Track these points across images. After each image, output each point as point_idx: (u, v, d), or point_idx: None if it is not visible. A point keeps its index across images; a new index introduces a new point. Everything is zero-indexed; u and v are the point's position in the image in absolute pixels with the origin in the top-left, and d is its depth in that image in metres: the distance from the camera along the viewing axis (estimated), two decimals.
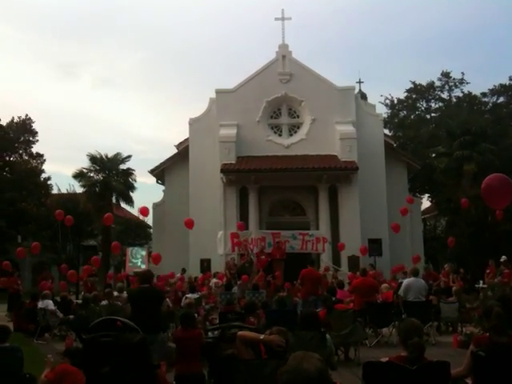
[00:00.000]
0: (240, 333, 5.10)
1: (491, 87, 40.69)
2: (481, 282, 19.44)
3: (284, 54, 25.87)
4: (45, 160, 36.61)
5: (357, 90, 29.49)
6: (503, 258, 18.74)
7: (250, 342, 4.79)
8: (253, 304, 10.51)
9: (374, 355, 6.45)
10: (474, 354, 5.01)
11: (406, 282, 12.71)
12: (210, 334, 7.78)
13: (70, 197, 32.36)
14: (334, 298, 11.40)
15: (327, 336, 6.55)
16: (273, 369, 4.02)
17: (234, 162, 23.59)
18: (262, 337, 4.68)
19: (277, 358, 4.26)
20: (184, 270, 20.32)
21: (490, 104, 41.00)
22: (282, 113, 25.81)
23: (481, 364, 4.95)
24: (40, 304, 13.37)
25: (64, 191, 35.16)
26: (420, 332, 4.61)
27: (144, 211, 19.45)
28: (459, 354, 6.98)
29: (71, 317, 12.82)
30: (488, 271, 18.52)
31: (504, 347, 5.06)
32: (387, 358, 4.54)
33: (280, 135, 25.61)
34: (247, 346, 4.76)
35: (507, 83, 39.92)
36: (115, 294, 13.97)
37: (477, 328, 11.28)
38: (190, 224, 19.31)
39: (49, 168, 77.10)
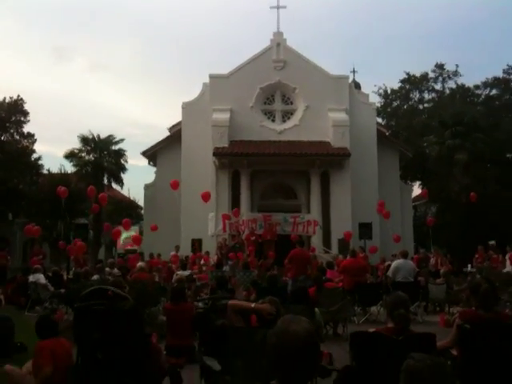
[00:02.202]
0: (231, 301, 5.16)
1: (484, 80, 40.73)
2: (469, 266, 19.72)
3: (278, 42, 25.84)
4: (36, 140, 36.31)
5: (350, 80, 29.48)
6: (492, 242, 19.00)
7: (241, 310, 4.85)
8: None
9: None
10: (459, 327, 5.13)
11: (395, 263, 12.97)
12: (200, 304, 7.86)
13: (62, 177, 32.23)
14: (323, 277, 11.53)
15: (316, 309, 6.66)
16: (263, 335, 4.07)
17: (226, 145, 23.61)
18: (253, 305, 4.76)
19: (267, 327, 4.33)
20: (178, 248, 20.40)
21: (483, 96, 40.83)
22: (275, 99, 25.80)
23: (466, 336, 5.06)
24: (31, 278, 13.39)
25: (56, 171, 35.00)
26: (406, 305, 4.69)
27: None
28: (445, 332, 7.09)
29: (62, 290, 12.87)
30: (477, 256, 18.79)
31: (489, 321, 5.18)
32: (374, 329, 4.65)
33: (273, 121, 25.61)
34: (238, 314, 4.83)
35: (501, 76, 39.91)
36: (107, 269, 14.02)
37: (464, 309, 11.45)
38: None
39: (40, 149, 76.54)
